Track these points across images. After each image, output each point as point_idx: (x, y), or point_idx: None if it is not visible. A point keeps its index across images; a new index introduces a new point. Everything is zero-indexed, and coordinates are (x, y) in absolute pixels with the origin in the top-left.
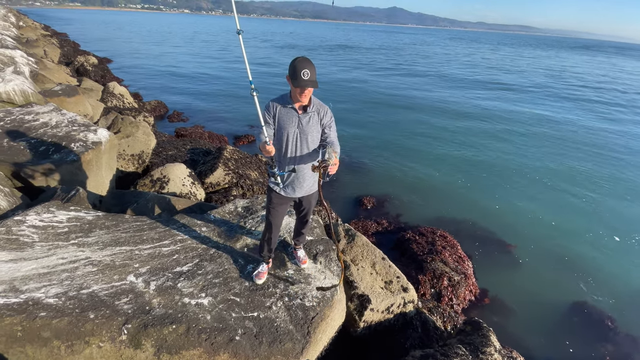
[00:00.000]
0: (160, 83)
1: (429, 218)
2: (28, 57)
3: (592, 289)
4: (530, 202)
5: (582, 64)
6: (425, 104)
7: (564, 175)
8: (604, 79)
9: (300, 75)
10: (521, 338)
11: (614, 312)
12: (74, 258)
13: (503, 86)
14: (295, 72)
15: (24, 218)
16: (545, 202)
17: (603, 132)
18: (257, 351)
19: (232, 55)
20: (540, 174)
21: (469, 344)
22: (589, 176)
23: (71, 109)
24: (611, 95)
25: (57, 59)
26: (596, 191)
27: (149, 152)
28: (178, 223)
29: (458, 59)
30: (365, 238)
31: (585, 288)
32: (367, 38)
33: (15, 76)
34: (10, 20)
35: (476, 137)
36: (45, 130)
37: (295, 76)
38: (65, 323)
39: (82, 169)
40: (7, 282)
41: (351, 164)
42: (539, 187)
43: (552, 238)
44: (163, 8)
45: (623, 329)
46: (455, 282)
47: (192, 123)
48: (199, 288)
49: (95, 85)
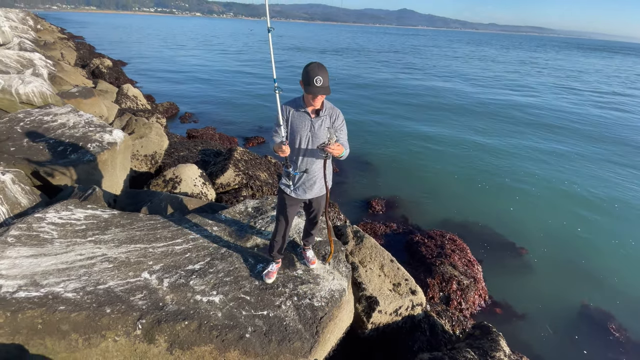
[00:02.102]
0: (171, 85)
1: (438, 221)
2: (46, 60)
3: (604, 295)
4: (544, 207)
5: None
6: (441, 104)
7: (584, 182)
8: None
9: (313, 82)
10: (531, 344)
11: (626, 320)
12: (91, 254)
13: (523, 88)
14: (308, 79)
15: (43, 215)
16: (560, 208)
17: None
18: (266, 349)
19: (243, 57)
20: (557, 179)
21: (478, 348)
22: (609, 183)
23: (87, 110)
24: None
25: (74, 61)
26: (614, 198)
27: (161, 152)
28: (190, 222)
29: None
30: (373, 240)
31: (597, 294)
32: (375, 39)
33: (34, 78)
34: (29, 23)
35: (492, 138)
36: (63, 131)
37: (308, 82)
38: (83, 317)
39: (98, 169)
40: (29, 276)
41: (360, 165)
42: (554, 192)
43: (564, 243)
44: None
45: (636, 338)
46: (465, 285)
47: (203, 124)
48: (210, 286)
49: (110, 87)
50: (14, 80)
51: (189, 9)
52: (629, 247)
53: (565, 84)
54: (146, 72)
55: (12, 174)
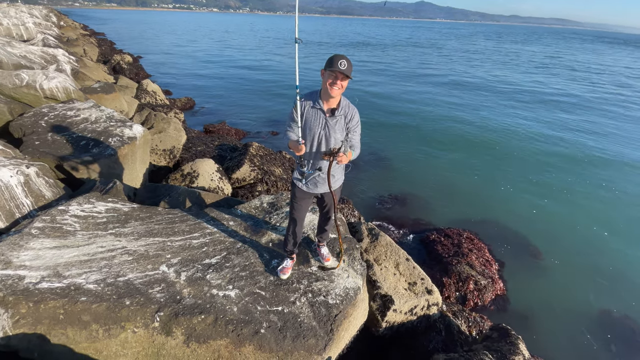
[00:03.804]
0: (189, 80)
1: (455, 219)
2: (69, 56)
3: (627, 300)
4: (568, 209)
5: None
6: (458, 102)
7: (619, 186)
8: None
9: (336, 63)
10: (551, 348)
11: None
12: (111, 247)
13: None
14: (332, 61)
15: (67, 208)
16: (584, 212)
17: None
18: (281, 345)
19: (259, 53)
20: (583, 184)
21: (495, 350)
22: (628, 175)
23: (109, 105)
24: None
25: (96, 57)
26: (633, 192)
27: (179, 147)
28: (207, 216)
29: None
30: (388, 238)
31: (620, 299)
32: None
33: (58, 74)
34: (52, 20)
35: (517, 138)
36: (86, 126)
37: (331, 64)
38: (103, 308)
39: (118, 163)
40: (52, 267)
41: (376, 162)
42: (582, 195)
43: (588, 247)
44: (193, 7)
45: None
46: (482, 286)
47: (219, 119)
48: (226, 280)
49: (130, 82)
50: (38, 75)
51: (206, 5)
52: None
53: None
54: (164, 67)
55: (37, 167)
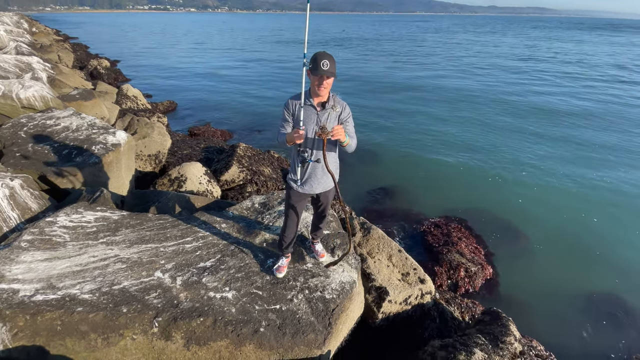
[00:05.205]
0: (171, 83)
1: (444, 209)
2: (44, 63)
3: (612, 281)
4: (550, 193)
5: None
6: (443, 94)
7: (588, 164)
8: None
9: (320, 65)
10: (541, 328)
11: (633, 303)
12: (104, 256)
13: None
14: (316, 63)
15: (54, 219)
16: (566, 194)
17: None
18: (281, 342)
19: (239, 52)
20: (561, 164)
21: (488, 333)
22: (617, 169)
23: (89, 112)
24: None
25: (72, 63)
26: (623, 183)
27: (165, 152)
28: (198, 220)
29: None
30: (380, 231)
31: (604, 277)
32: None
33: (34, 82)
34: (24, 26)
35: (497, 128)
36: (67, 134)
37: (316, 66)
38: (100, 317)
39: (103, 171)
40: (45, 279)
41: (364, 157)
42: (559, 178)
43: (571, 230)
44: (170, 8)
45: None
46: (472, 272)
47: (204, 122)
48: (222, 282)
49: (110, 88)
50: (14, 85)
51: (183, 5)
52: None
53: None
54: (143, 70)
55: (21, 179)
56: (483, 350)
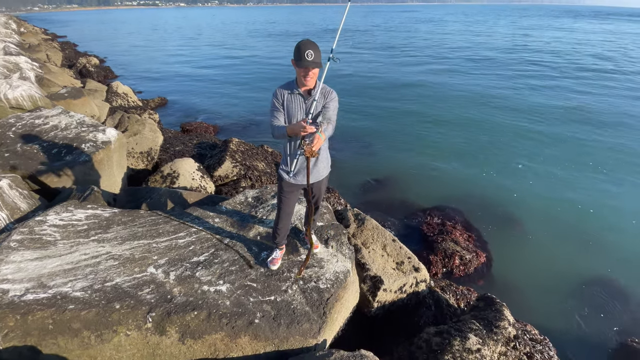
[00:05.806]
0: (161, 79)
1: (438, 198)
2: (32, 62)
3: (605, 264)
4: (545, 184)
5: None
6: (436, 88)
7: (579, 151)
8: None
9: (304, 56)
10: (535, 312)
11: (626, 285)
12: (95, 253)
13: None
14: (299, 53)
15: (44, 218)
16: (561, 185)
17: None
18: (276, 332)
19: (229, 47)
20: (556, 156)
21: (482, 319)
22: (606, 152)
23: (78, 110)
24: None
25: (60, 62)
26: (617, 173)
27: (157, 148)
28: (191, 215)
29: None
30: (374, 221)
31: (597, 264)
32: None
33: (22, 82)
34: (12, 27)
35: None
36: (56, 133)
37: (300, 57)
38: (93, 314)
39: (94, 169)
40: (35, 278)
41: (358, 147)
42: (551, 165)
43: (564, 217)
44: (159, 3)
45: (636, 301)
46: (467, 260)
47: (195, 117)
48: (216, 276)
49: (99, 85)
50: (1, 85)
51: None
52: (631, 216)
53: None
54: (133, 67)
55: (9, 179)
56: (477, 335)
